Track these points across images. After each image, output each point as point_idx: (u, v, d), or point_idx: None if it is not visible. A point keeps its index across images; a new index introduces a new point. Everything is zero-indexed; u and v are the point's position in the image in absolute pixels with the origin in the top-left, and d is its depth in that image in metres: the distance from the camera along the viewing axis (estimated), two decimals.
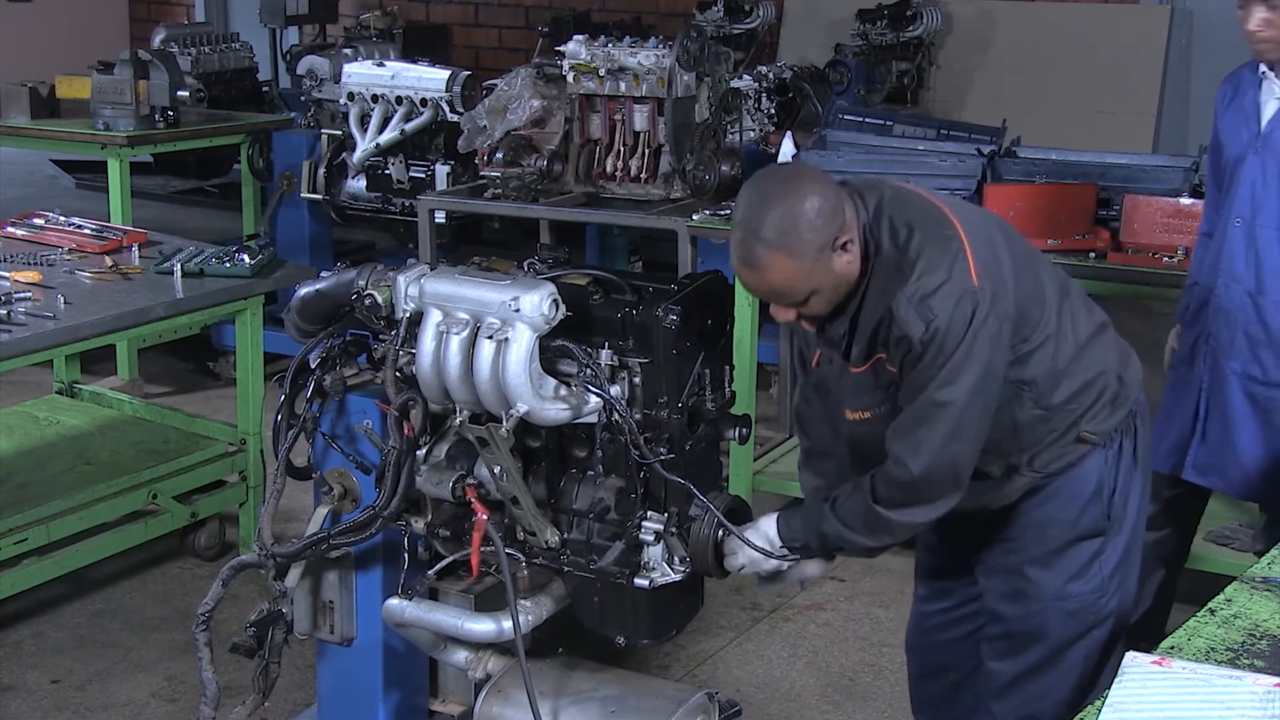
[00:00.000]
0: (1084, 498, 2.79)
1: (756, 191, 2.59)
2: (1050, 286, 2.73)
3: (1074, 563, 2.82)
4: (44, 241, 4.54)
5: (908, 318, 2.53)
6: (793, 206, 2.52)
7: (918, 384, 2.57)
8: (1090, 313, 2.81)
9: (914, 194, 2.71)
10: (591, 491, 2.87)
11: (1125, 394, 2.80)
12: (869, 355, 2.64)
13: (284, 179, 6.23)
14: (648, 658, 4.06)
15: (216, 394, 6.16)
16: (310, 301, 3.10)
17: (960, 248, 2.57)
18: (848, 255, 2.57)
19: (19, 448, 4.73)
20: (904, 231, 2.59)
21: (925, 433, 2.58)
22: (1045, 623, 2.85)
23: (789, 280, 2.56)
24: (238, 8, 11.47)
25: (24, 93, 6.28)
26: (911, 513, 2.67)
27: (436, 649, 3.12)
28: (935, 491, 2.64)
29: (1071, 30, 8.40)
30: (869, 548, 2.79)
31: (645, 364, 2.79)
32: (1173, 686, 2.02)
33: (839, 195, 2.59)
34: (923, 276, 2.54)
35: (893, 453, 2.62)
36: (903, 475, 2.61)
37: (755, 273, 2.56)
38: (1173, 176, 4.64)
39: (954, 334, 2.52)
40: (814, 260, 2.54)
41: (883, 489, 2.66)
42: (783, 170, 2.71)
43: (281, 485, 3.09)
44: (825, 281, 2.57)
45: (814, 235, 2.52)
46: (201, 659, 3.12)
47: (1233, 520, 4.45)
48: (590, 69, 4.97)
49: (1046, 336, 2.68)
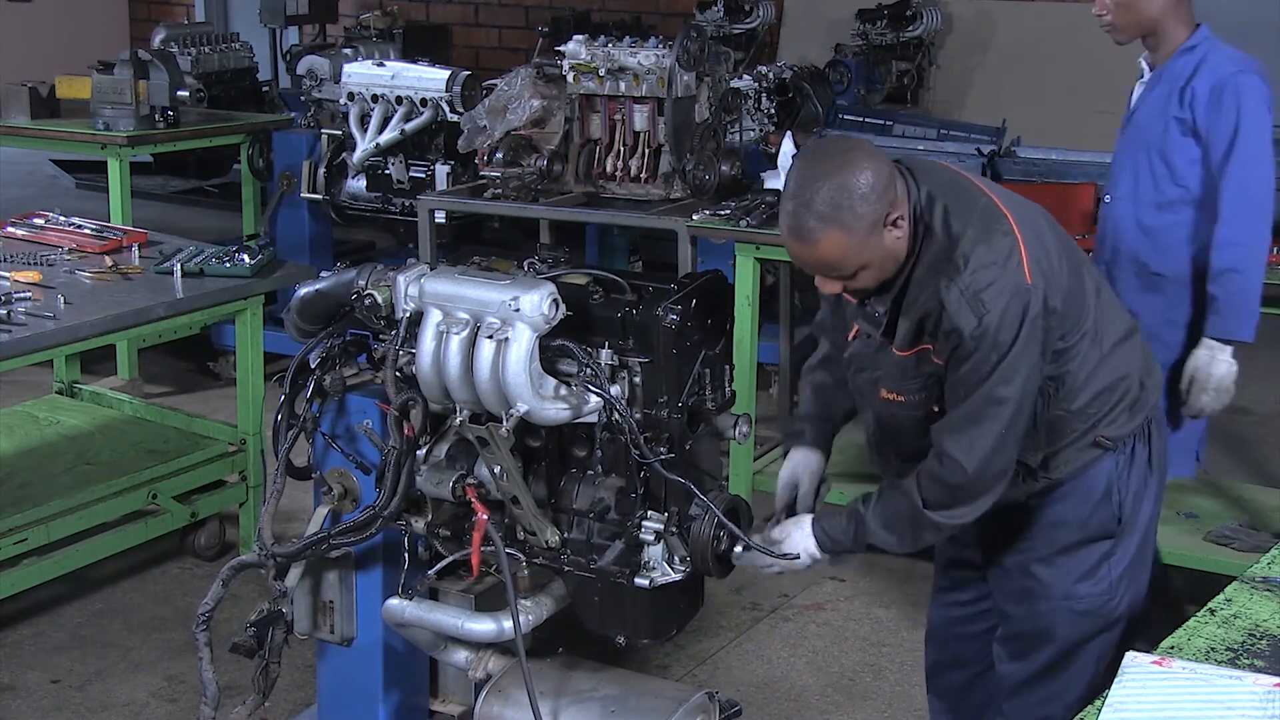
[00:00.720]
0: (1094, 499, 2.78)
1: (810, 164, 2.56)
2: (1089, 284, 2.73)
3: (1082, 564, 2.81)
4: (44, 241, 4.54)
5: (959, 311, 2.51)
6: (846, 180, 2.50)
7: (971, 381, 2.56)
8: (1120, 314, 2.81)
9: (967, 182, 2.69)
10: (591, 491, 2.86)
11: (1145, 400, 2.79)
12: (914, 343, 2.63)
13: (284, 179, 6.23)
14: (648, 658, 4.06)
15: (216, 394, 6.16)
16: (310, 301, 3.10)
17: (1014, 243, 2.55)
18: (898, 232, 2.56)
19: (19, 448, 4.73)
20: (958, 222, 2.57)
21: (980, 431, 2.57)
22: (1053, 623, 2.84)
23: (840, 254, 2.54)
24: (238, 8, 11.47)
25: (24, 93, 6.28)
26: (957, 513, 2.67)
27: (436, 649, 3.12)
28: (983, 490, 2.64)
29: (1071, 30, 8.39)
30: (908, 548, 2.80)
31: (645, 364, 2.79)
32: (1173, 686, 2.02)
33: (891, 171, 2.56)
34: (977, 271, 2.52)
35: (945, 452, 2.61)
36: (955, 477, 2.61)
37: (806, 246, 2.54)
38: None
39: (1006, 331, 2.51)
40: (866, 235, 2.52)
41: (932, 492, 2.65)
42: (837, 143, 2.66)
43: (281, 485, 3.09)
44: (875, 257, 2.56)
45: (867, 210, 2.50)
46: (201, 659, 3.12)
47: (1232, 520, 4.45)
48: (590, 69, 4.97)
49: (1083, 334, 2.68)
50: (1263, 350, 6.93)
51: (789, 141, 5.01)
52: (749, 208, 4.67)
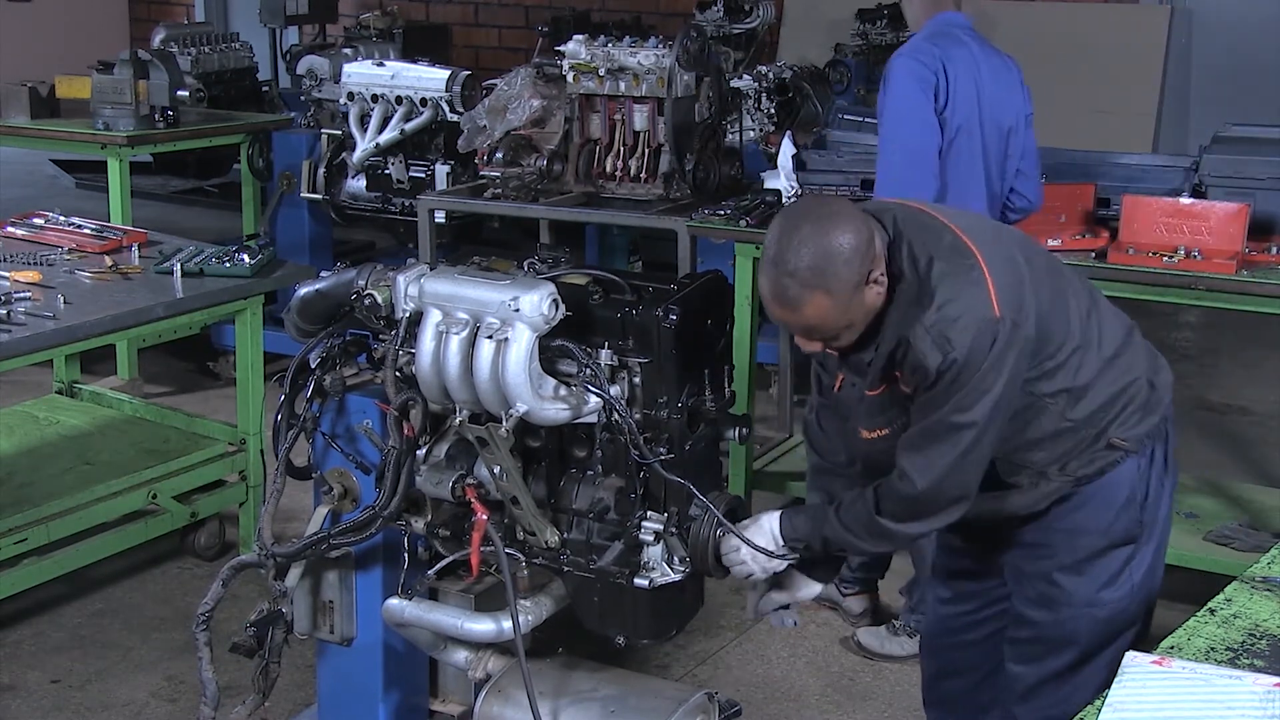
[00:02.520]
0: (1117, 505, 2.77)
1: (789, 227, 2.55)
2: (1076, 300, 2.71)
3: (1106, 570, 2.80)
4: (44, 241, 4.54)
5: (925, 348, 2.51)
6: (828, 244, 2.49)
7: (933, 404, 2.56)
8: (1118, 321, 2.80)
9: (928, 216, 2.68)
10: (591, 491, 2.86)
11: (1157, 399, 2.78)
12: (884, 378, 2.63)
13: (284, 179, 6.23)
14: (648, 658, 4.06)
15: (216, 394, 6.16)
16: (310, 301, 3.10)
17: (981, 276, 2.54)
18: (878, 287, 2.56)
19: (19, 448, 4.73)
20: (924, 259, 2.56)
21: (936, 452, 2.58)
22: (1076, 629, 2.83)
23: (825, 317, 2.54)
24: (238, 8, 11.47)
25: (24, 93, 6.28)
26: (914, 525, 2.67)
27: (436, 649, 3.12)
28: (938, 507, 2.64)
29: (1071, 30, 8.40)
30: (871, 551, 2.80)
31: (645, 364, 2.79)
32: (1173, 686, 2.02)
33: (870, 228, 2.56)
34: (942, 307, 2.51)
35: (900, 467, 2.62)
36: (908, 490, 2.61)
37: (791, 311, 2.54)
38: (1172, 176, 4.64)
39: (972, 363, 2.51)
40: (850, 296, 2.52)
41: (886, 502, 2.66)
42: (815, 206, 2.66)
43: (281, 485, 3.09)
44: (858, 315, 2.56)
45: (850, 273, 2.50)
46: (201, 659, 3.12)
47: (1232, 520, 4.45)
48: (590, 69, 4.97)
49: (1073, 350, 2.67)
50: (1263, 351, 6.96)
51: (789, 141, 5.01)
52: (749, 208, 4.67)
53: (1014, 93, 4.09)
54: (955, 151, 3.94)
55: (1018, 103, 4.10)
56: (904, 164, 3.89)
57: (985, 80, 3.98)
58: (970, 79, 3.94)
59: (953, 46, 3.96)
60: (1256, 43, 8.27)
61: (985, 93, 3.98)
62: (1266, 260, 4.17)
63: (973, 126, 3.95)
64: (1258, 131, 4.89)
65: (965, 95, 3.93)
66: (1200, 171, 4.50)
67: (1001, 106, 4.04)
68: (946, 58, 3.91)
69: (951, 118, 3.91)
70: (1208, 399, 6.40)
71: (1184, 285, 4.09)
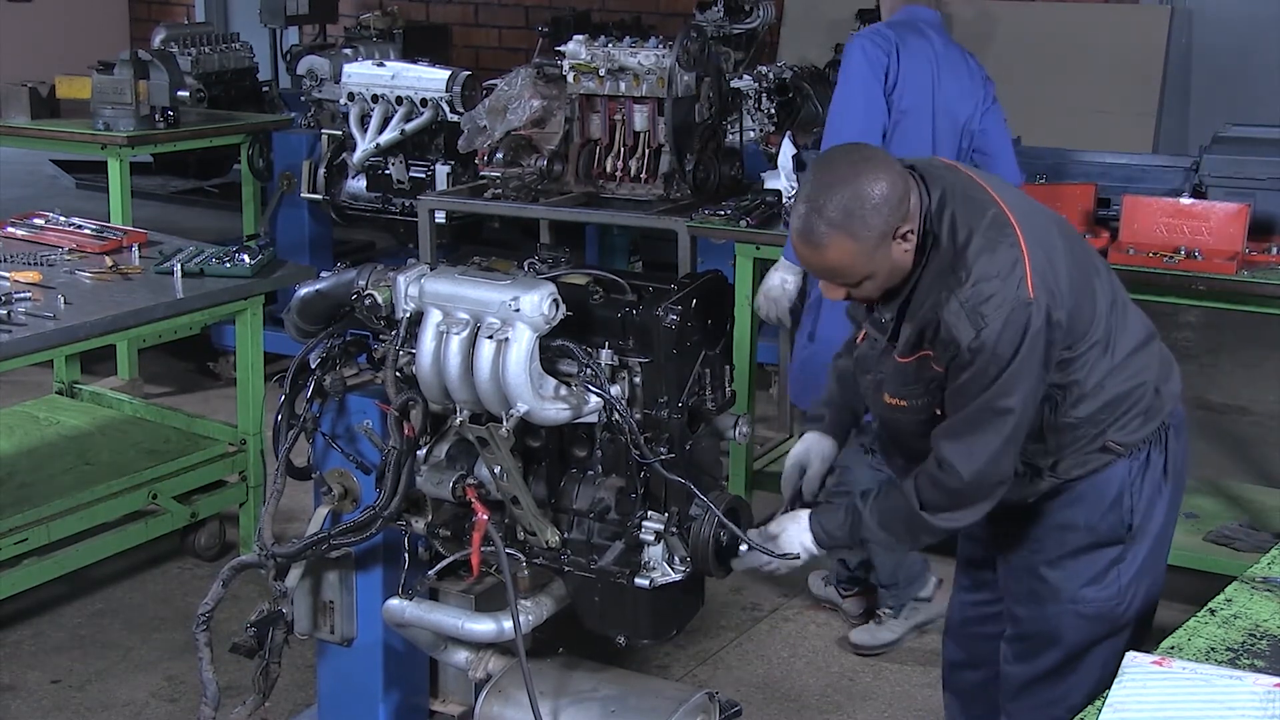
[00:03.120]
0: (1104, 505, 2.77)
1: (826, 169, 2.57)
2: (1103, 294, 2.71)
3: (1091, 568, 2.81)
4: (44, 241, 4.54)
5: (958, 323, 2.52)
6: (861, 189, 2.50)
7: (971, 390, 2.56)
8: (1138, 322, 2.80)
9: (979, 188, 2.66)
10: (592, 491, 2.87)
11: (1159, 406, 2.78)
12: (915, 349, 2.63)
13: (284, 179, 6.23)
14: (648, 658, 4.06)
15: (216, 394, 6.16)
16: (310, 301, 3.10)
17: (1019, 256, 2.54)
18: (906, 245, 2.57)
19: (19, 448, 4.73)
20: (964, 232, 2.56)
21: (979, 440, 2.58)
22: (1059, 626, 2.84)
23: (847, 262, 2.54)
24: (238, 8, 11.47)
25: (24, 93, 6.28)
26: (955, 516, 2.67)
27: (437, 649, 3.12)
28: (980, 496, 2.64)
29: (1071, 30, 8.39)
30: (906, 546, 2.80)
31: (645, 364, 2.79)
32: (1173, 686, 2.02)
33: (907, 184, 2.56)
34: (978, 283, 2.52)
35: (943, 458, 2.62)
36: (952, 482, 2.61)
37: (814, 250, 2.55)
38: (1173, 176, 4.64)
39: (1006, 344, 2.51)
40: (875, 246, 2.53)
41: (930, 494, 2.66)
42: (854, 151, 2.67)
43: (281, 485, 3.09)
44: (881, 268, 2.56)
45: (878, 221, 2.51)
46: (201, 659, 3.12)
47: (1232, 520, 4.45)
48: (590, 69, 4.96)
49: (1093, 344, 2.67)
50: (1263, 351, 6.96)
51: (789, 141, 5.01)
52: (749, 208, 4.67)
53: (973, 91, 4.18)
54: (901, 134, 4.02)
55: (976, 100, 4.18)
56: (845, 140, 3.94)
57: (942, 73, 4.08)
58: (925, 68, 4.04)
59: (912, 35, 4.07)
60: (1256, 43, 8.26)
61: (941, 84, 4.07)
62: (1266, 260, 4.17)
63: (922, 113, 4.03)
64: (1258, 131, 4.89)
65: (916, 82, 4.01)
66: (1200, 171, 4.50)
67: (957, 101, 4.12)
68: (902, 43, 4.03)
69: (899, 101, 4.00)
70: (1208, 399, 6.40)
71: (1184, 285, 4.09)
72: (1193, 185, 4.49)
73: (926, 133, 4.06)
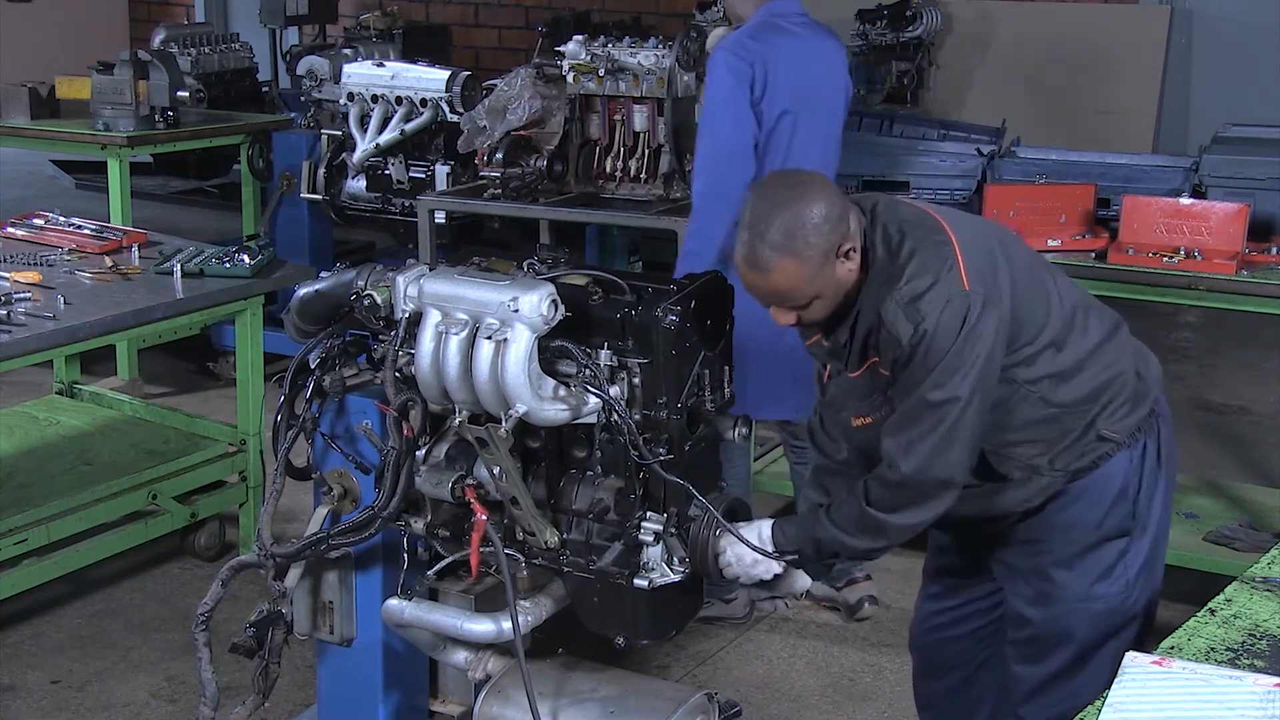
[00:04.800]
0: (1109, 498, 2.78)
1: (765, 196, 2.62)
2: (1058, 292, 2.74)
3: (1100, 564, 2.81)
4: (44, 241, 4.54)
5: (896, 320, 2.56)
6: (800, 211, 2.56)
7: (909, 384, 2.59)
8: (1103, 316, 2.83)
9: (906, 203, 2.76)
10: (591, 492, 2.86)
11: (1145, 390, 2.80)
12: (863, 359, 2.67)
13: (284, 179, 6.23)
14: (648, 658, 4.06)
15: (216, 394, 6.16)
16: (310, 302, 3.10)
17: (951, 252, 2.59)
18: (849, 263, 2.62)
19: (19, 448, 4.74)
20: (896, 236, 2.63)
21: (916, 433, 2.59)
22: (1072, 625, 2.84)
23: (793, 284, 2.59)
24: (238, 8, 11.47)
25: (24, 93, 6.28)
26: (905, 515, 2.67)
27: (436, 649, 3.12)
28: (927, 493, 2.64)
29: (1071, 30, 8.39)
30: (865, 550, 2.80)
31: (644, 364, 2.79)
32: (1173, 686, 2.02)
33: (844, 203, 2.62)
34: (912, 280, 2.57)
35: (885, 452, 2.64)
36: (893, 476, 2.62)
37: (761, 275, 2.60)
38: (1172, 176, 4.65)
39: (944, 336, 2.54)
40: (819, 265, 2.58)
41: (875, 491, 2.67)
42: (791, 176, 2.75)
43: (281, 485, 3.09)
44: (828, 287, 2.61)
45: (820, 240, 2.56)
46: (201, 659, 3.12)
47: (1232, 520, 4.45)
48: (590, 69, 4.96)
49: (1052, 338, 2.69)
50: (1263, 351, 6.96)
51: None
52: None
53: (840, 75, 4.22)
54: (779, 134, 4.03)
55: (844, 84, 4.24)
56: (717, 157, 4.01)
57: (813, 66, 4.10)
58: (794, 67, 4.04)
59: (776, 36, 4.06)
60: (1256, 43, 8.26)
61: (814, 78, 4.10)
62: (1266, 260, 4.17)
63: (799, 111, 4.04)
64: (1258, 131, 4.90)
65: (787, 84, 4.02)
66: (1200, 171, 4.50)
67: (832, 91, 4.17)
68: (767, 49, 4.02)
69: (770, 108, 4.00)
70: (1208, 399, 6.40)
71: (1184, 285, 4.10)
72: (1193, 185, 4.49)
73: (805, 130, 4.07)
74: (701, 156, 4.07)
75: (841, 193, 2.65)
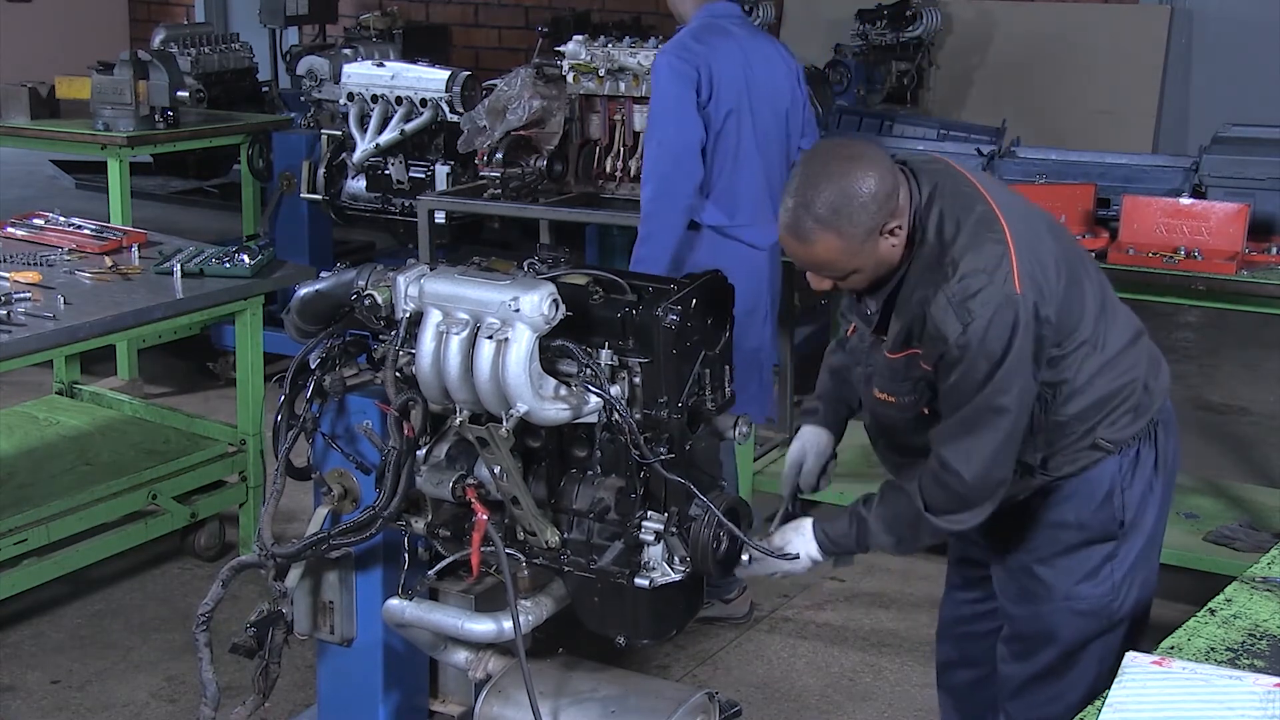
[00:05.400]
0: (1095, 501, 2.78)
1: (816, 164, 2.58)
2: (1091, 292, 2.72)
3: (1084, 565, 2.81)
4: (44, 241, 4.54)
5: (945, 318, 2.52)
6: (849, 186, 2.51)
7: (965, 390, 2.56)
8: (1127, 320, 2.81)
9: (969, 185, 2.68)
10: (591, 491, 2.86)
11: (1149, 403, 2.78)
12: (903, 346, 2.64)
13: (284, 179, 6.23)
14: (648, 658, 4.06)
15: (216, 394, 6.16)
16: (310, 301, 3.10)
17: (1005, 252, 2.55)
18: (894, 240, 2.58)
19: (19, 448, 4.74)
20: (951, 228, 2.58)
21: (978, 440, 2.58)
22: (1055, 624, 2.84)
23: (833, 258, 2.57)
24: (238, 8, 11.47)
25: (24, 93, 6.28)
26: (960, 518, 2.68)
27: (436, 649, 3.12)
28: (984, 496, 2.65)
29: (1071, 30, 8.40)
30: (908, 549, 2.81)
31: (645, 364, 2.79)
32: (1173, 686, 2.02)
33: (896, 179, 2.57)
34: (965, 278, 2.53)
35: (944, 460, 2.62)
36: (956, 484, 2.62)
37: (801, 245, 2.57)
38: (1172, 176, 4.65)
39: (994, 340, 2.51)
40: (861, 242, 2.54)
41: (935, 497, 2.66)
42: (844, 146, 2.67)
43: (281, 485, 3.09)
44: (869, 262, 2.58)
45: (866, 218, 2.52)
46: (201, 659, 3.12)
47: (1232, 520, 4.45)
48: (590, 69, 4.96)
49: (1080, 343, 2.67)
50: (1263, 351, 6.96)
51: None
52: None
53: (784, 77, 4.26)
54: (726, 135, 4.09)
55: (789, 85, 4.27)
56: (665, 159, 4.06)
57: (754, 67, 4.14)
58: (737, 67, 4.09)
59: (717, 38, 4.10)
60: (1256, 43, 8.27)
61: (755, 78, 4.13)
62: (1266, 260, 4.17)
63: (743, 110, 4.09)
64: (1258, 131, 4.90)
65: (730, 84, 4.06)
66: (1200, 171, 4.50)
67: (773, 90, 4.20)
68: (710, 51, 4.05)
69: (717, 109, 4.05)
70: (1208, 399, 6.40)
71: (1184, 285, 4.10)
72: (1193, 185, 4.49)
73: (749, 129, 4.11)
74: (649, 162, 4.11)
75: (894, 166, 2.59)
